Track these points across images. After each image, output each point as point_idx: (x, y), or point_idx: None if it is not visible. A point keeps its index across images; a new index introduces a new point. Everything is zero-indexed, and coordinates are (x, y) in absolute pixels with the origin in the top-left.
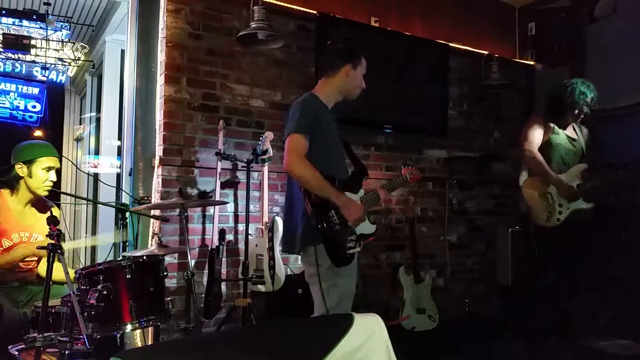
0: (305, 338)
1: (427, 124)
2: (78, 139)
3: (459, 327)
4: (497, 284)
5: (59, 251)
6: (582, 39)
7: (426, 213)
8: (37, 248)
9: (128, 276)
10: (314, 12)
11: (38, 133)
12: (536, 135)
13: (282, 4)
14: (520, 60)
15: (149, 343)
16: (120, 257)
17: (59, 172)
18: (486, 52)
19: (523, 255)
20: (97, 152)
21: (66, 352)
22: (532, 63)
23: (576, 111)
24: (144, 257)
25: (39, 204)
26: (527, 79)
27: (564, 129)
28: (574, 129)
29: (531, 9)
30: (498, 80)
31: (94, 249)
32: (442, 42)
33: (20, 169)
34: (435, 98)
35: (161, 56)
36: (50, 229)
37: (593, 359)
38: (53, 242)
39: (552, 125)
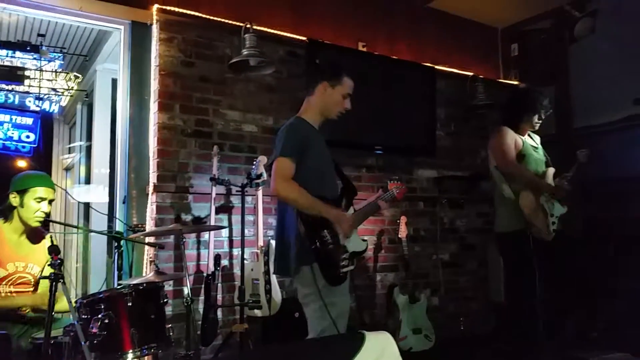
0: (320, 358)
1: (416, 144)
2: (67, 169)
3: (455, 345)
4: (491, 301)
5: (62, 280)
6: (563, 59)
7: (418, 232)
8: (40, 278)
9: (129, 304)
10: (304, 38)
11: (31, 163)
12: (511, 146)
13: (272, 31)
14: (504, 81)
15: None
16: (119, 285)
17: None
18: (471, 74)
19: (518, 273)
20: (87, 181)
21: None
22: (516, 83)
23: (535, 117)
24: (144, 285)
25: (34, 234)
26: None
27: (522, 136)
28: (531, 137)
29: (513, 31)
30: (483, 100)
31: (85, 277)
32: (429, 64)
33: (14, 199)
34: (424, 119)
35: (154, 84)
36: (52, 258)
37: None
38: (55, 271)
39: (519, 135)
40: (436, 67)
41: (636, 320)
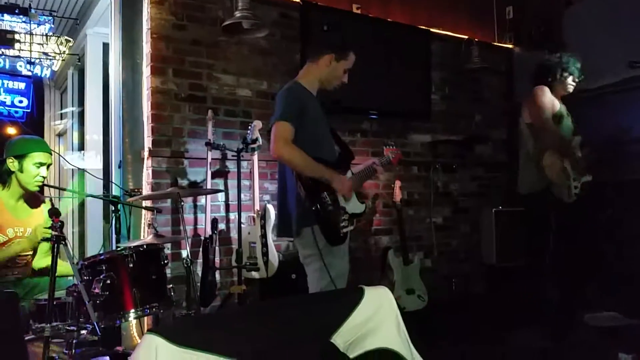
0: (320, 311)
1: (411, 108)
2: (60, 135)
3: (447, 306)
4: (483, 263)
5: (63, 242)
6: (558, 22)
7: (412, 196)
8: (42, 240)
9: (130, 265)
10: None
11: (25, 129)
12: (548, 106)
13: None
14: (499, 44)
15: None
16: (118, 248)
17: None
18: (466, 37)
19: (532, 233)
20: (80, 147)
21: (74, 340)
22: (510, 46)
23: (568, 80)
24: (145, 246)
25: (31, 198)
26: (506, 62)
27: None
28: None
29: None
30: (478, 64)
31: (82, 241)
32: (423, 27)
33: (12, 164)
34: (418, 83)
35: (146, 48)
36: (52, 220)
37: (582, 331)
38: (56, 233)
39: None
40: (431, 29)
41: (626, 281)
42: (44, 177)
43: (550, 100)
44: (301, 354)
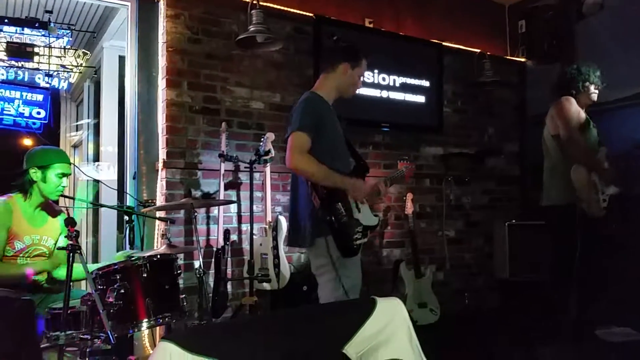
0: (332, 321)
1: (423, 121)
2: (75, 146)
3: (460, 320)
4: (495, 277)
5: (79, 251)
6: (571, 36)
7: (424, 209)
8: (57, 249)
9: (144, 275)
10: (310, 14)
11: (42, 140)
12: (575, 116)
13: (278, 7)
14: (511, 58)
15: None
16: (132, 258)
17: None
18: (478, 50)
19: (563, 248)
20: (96, 159)
21: (87, 349)
22: (523, 60)
23: (590, 89)
24: (158, 256)
25: (48, 208)
26: (518, 76)
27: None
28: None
29: (521, 7)
30: (490, 77)
31: (96, 252)
32: (436, 41)
33: (35, 174)
34: (431, 96)
35: (162, 61)
36: (68, 230)
37: (592, 347)
38: (72, 242)
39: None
40: (443, 43)
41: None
42: (64, 187)
43: (576, 111)
44: None
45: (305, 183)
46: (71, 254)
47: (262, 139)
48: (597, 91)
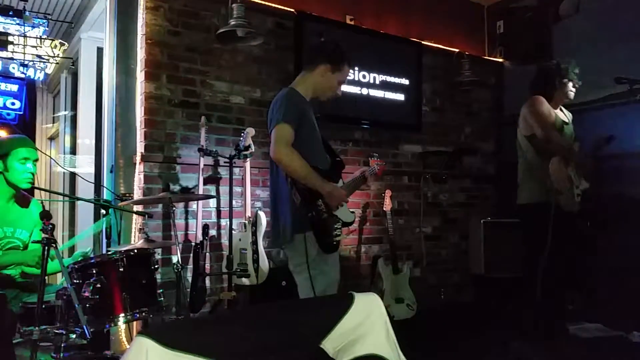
0: (310, 316)
1: (402, 119)
2: (51, 138)
3: (436, 315)
4: (471, 273)
5: (54, 245)
6: (548, 37)
7: (403, 206)
8: (32, 242)
9: (121, 269)
10: (292, 10)
11: (16, 131)
12: (546, 115)
13: (260, 1)
14: (489, 58)
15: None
16: (109, 251)
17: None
18: (457, 50)
19: (537, 245)
20: (72, 151)
21: (62, 344)
22: (501, 60)
23: (568, 86)
24: (135, 251)
25: (21, 199)
26: (496, 76)
27: (555, 109)
28: (563, 112)
29: (499, 8)
30: (469, 77)
31: (72, 245)
32: (415, 40)
33: None
34: (410, 94)
35: (141, 53)
36: (43, 223)
37: (564, 342)
38: (47, 236)
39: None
40: (423, 42)
41: (611, 293)
42: (32, 174)
43: (547, 109)
44: (291, 358)
45: (285, 180)
46: (46, 248)
47: (242, 134)
48: (574, 89)
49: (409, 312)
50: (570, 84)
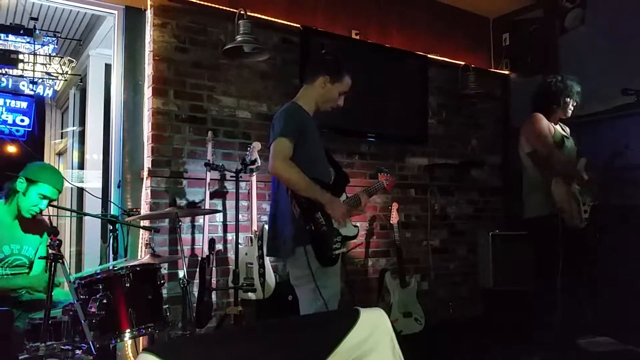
0: (315, 333)
1: (408, 132)
2: (59, 153)
3: (444, 329)
4: (479, 287)
5: (61, 261)
6: (554, 49)
7: (410, 219)
8: (39, 258)
9: (127, 285)
10: (298, 25)
11: (25, 147)
12: (546, 132)
13: (266, 17)
14: (495, 70)
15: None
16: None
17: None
18: (463, 63)
19: (537, 257)
20: (80, 166)
21: None
22: (507, 73)
23: (569, 105)
24: (141, 266)
25: (27, 223)
26: (502, 88)
27: (555, 124)
28: (561, 127)
29: (505, 21)
30: (475, 89)
31: (79, 261)
32: (421, 53)
33: (21, 184)
34: (416, 107)
35: (148, 69)
36: (50, 239)
37: (574, 356)
38: (54, 252)
39: (551, 123)
40: (428, 55)
41: (622, 307)
42: (40, 210)
43: (547, 126)
44: None
45: (286, 192)
46: (53, 263)
47: (249, 149)
48: (572, 107)
49: (417, 326)
50: (571, 103)
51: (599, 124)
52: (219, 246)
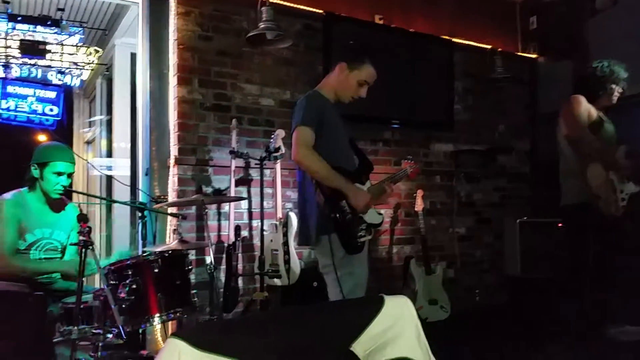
0: (340, 319)
1: (433, 118)
2: (88, 142)
3: (470, 317)
4: (506, 275)
5: (91, 247)
6: (583, 32)
7: (435, 206)
8: (70, 244)
9: (155, 270)
10: (320, 11)
11: (55, 136)
12: (584, 115)
13: (288, 4)
14: (523, 54)
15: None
16: (144, 253)
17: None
18: (489, 47)
19: (579, 247)
20: (108, 155)
21: (100, 343)
22: (534, 56)
23: (615, 91)
24: (170, 252)
25: (57, 203)
26: (530, 72)
27: (598, 110)
28: (603, 113)
29: (532, 3)
30: (502, 74)
31: (109, 247)
32: (446, 37)
33: (35, 170)
34: (441, 93)
35: (173, 58)
36: (80, 226)
37: (603, 345)
38: (85, 238)
39: (593, 107)
40: (454, 40)
41: None
42: (64, 186)
43: (585, 110)
44: None
45: (311, 181)
46: (83, 250)
47: (272, 136)
48: (618, 94)
49: (442, 314)
50: (617, 90)
51: (630, 107)
52: (244, 233)
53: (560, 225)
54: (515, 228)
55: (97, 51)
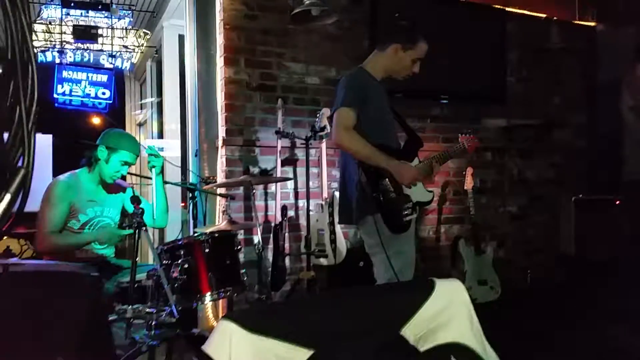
0: (390, 302)
1: (484, 92)
2: (140, 124)
3: (522, 297)
4: (561, 254)
5: (144, 228)
6: None
7: (485, 184)
8: (123, 214)
9: (206, 250)
10: None
11: (108, 119)
12: None
13: None
14: (580, 22)
15: (222, 314)
16: (195, 233)
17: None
18: (544, 15)
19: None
20: (160, 136)
21: (153, 322)
22: (593, 24)
23: None
24: (220, 232)
25: (110, 185)
26: (588, 42)
27: None
28: None
29: None
30: (558, 43)
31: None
32: (498, 6)
33: (102, 152)
34: (493, 65)
35: (219, 39)
36: (134, 207)
37: None
38: (138, 219)
39: None
40: (506, 9)
41: None
42: (122, 175)
43: None
44: (372, 346)
45: (353, 160)
46: (137, 231)
47: (318, 115)
48: None
49: (492, 294)
50: None
51: None
52: (290, 213)
53: (617, 202)
54: (571, 206)
55: (146, 34)
